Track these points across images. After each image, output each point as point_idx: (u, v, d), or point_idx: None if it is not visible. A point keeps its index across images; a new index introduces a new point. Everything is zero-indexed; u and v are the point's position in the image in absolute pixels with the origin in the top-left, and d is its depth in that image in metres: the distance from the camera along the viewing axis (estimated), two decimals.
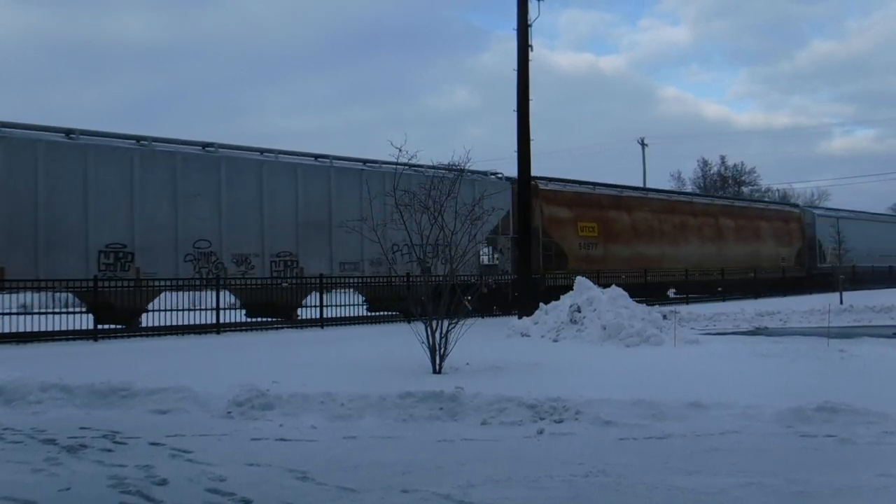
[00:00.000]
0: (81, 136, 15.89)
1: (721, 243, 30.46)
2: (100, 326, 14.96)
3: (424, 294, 10.14)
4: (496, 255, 23.79)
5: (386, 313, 19.25)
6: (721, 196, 43.46)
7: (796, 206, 40.00)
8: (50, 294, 15.11)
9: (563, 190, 25.23)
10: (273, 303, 17.70)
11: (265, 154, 18.86)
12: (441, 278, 10.73)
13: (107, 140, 16.45)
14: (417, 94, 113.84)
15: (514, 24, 18.02)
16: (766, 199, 38.17)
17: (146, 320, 16.17)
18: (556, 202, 24.25)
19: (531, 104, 17.95)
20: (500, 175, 22.77)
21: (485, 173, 22.34)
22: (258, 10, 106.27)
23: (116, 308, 15.24)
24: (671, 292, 24.02)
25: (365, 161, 20.46)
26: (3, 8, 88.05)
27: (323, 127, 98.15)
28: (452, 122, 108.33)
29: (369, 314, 20.53)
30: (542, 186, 23.40)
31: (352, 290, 19.19)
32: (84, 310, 15.35)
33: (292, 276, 18.23)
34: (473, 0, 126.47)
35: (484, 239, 11.54)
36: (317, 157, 19.92)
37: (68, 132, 15.82)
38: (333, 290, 18.78)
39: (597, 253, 24.88)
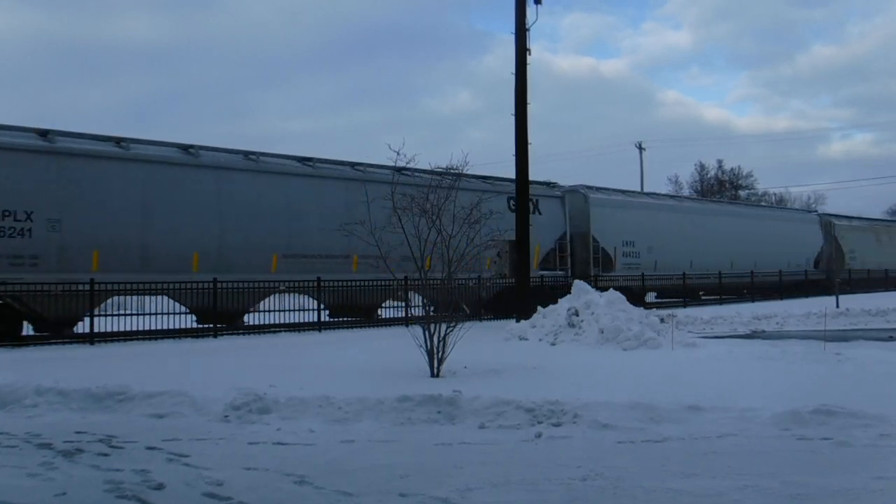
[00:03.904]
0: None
1: None
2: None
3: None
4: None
5: (384, 317, 19.22)
6: None
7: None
8: None
9: None
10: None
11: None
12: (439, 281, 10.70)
13: None
14: (419, 96, 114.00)
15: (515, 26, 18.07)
16: None
17: (144, 323, 16.15)
18: None
19: (531, 107, 17.98)
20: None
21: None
22: (260, 12, 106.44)
23: None
24: None
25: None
26: (5, 9, 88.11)
27: (324, 129, 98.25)
28: (454, 124, 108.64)
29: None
30: None
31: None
32: None
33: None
34: (476, 3, 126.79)
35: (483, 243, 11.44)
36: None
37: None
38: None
39: None
